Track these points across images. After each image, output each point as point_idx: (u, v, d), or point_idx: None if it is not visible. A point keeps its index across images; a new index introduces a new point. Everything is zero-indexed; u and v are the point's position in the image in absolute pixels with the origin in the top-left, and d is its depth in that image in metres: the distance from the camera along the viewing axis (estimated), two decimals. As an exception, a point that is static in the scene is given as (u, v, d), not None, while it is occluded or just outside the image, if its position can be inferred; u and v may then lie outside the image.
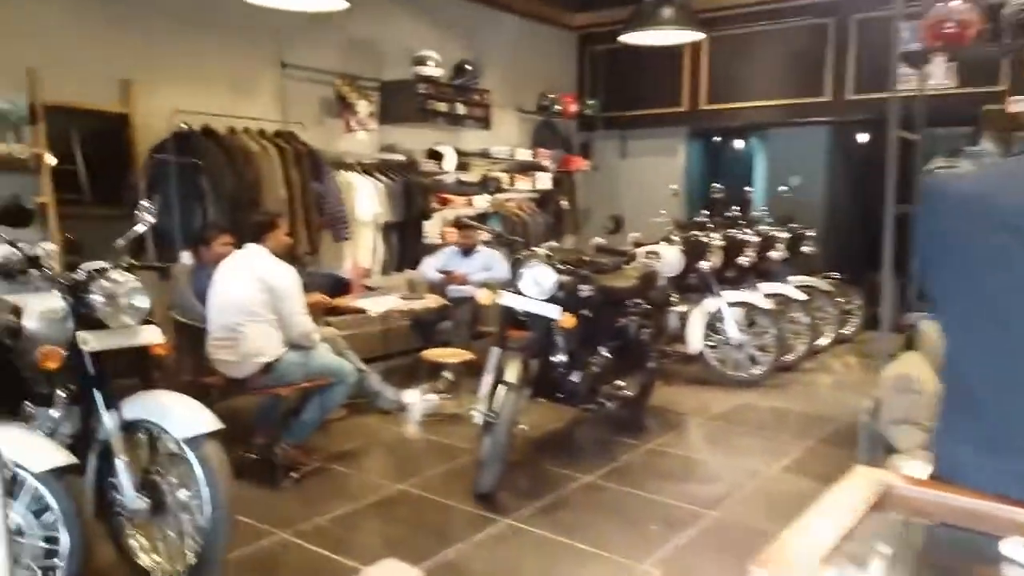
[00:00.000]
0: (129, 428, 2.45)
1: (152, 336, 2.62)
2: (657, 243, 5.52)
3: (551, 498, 3.42)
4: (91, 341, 2.44)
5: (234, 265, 3.60)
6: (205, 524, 2.39)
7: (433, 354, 4.55)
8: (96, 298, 2.45)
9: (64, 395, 2.59)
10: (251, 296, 3.45)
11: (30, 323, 2.63)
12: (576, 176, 8.32)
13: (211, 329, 3.53)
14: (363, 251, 5.82)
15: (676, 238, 5.48)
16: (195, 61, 5.11)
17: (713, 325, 5.48)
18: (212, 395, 3.57)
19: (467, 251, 5.73)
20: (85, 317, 2.48)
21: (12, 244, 3.49)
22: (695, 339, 5.38)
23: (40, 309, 2.64)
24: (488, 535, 3.07)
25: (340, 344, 4.39)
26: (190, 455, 2.39)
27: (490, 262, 5.67)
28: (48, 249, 4.25)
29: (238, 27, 5.27)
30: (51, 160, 4.49)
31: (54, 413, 2.56)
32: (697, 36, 6.14)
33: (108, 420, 2.41)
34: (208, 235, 4.12)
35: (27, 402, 2.70)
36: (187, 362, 3.97)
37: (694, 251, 5.45)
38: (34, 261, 2.53)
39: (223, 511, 2.39)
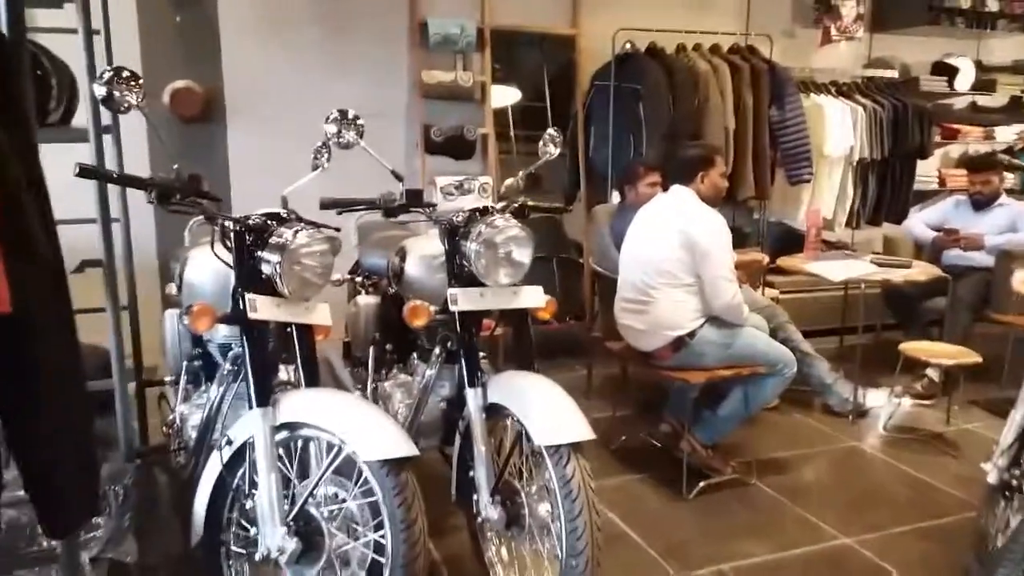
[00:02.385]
0: (492, 412, 1.97)
1: (531, 298, 2.08)
2: None
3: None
4: (460, 299, 1.99)
5: (653, 212, 2.90)
6: (560, 555, 1.81)
7: (916, 349, 3.23)
8: (471, 247, 1.98)
9: (440, 353, 2.24)
10: (667, 252, 2.72)
11: (410, 267, 2.33)
12: None
13: (620, 287, 2.93)
14: (827, 196, 4.61)
15: None
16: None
17: None
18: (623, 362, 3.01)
19: (981, 202, 4.10)
20: (459, 268, 2.04)
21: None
22: None
23: (421, 253, 2.31)
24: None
25: (780, 316, 3.43)
26: (549, 466, 1.81)
27: (1018, 220, 3.96)
28: (484, 183, 4.21)
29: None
30: (514, 95, 4.35)
31: (430, 372, 2.24)
32: None
33: (471, 398, 1.96)
34: (633, 172, 3.49)
35: (416, 355, 2.48)
36: (601, 319, 3.47)
37: None
38: (415, 198, 2.16)
39: (582, 542, 1.76)
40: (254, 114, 3.84)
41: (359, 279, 2.81)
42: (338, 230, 2.12)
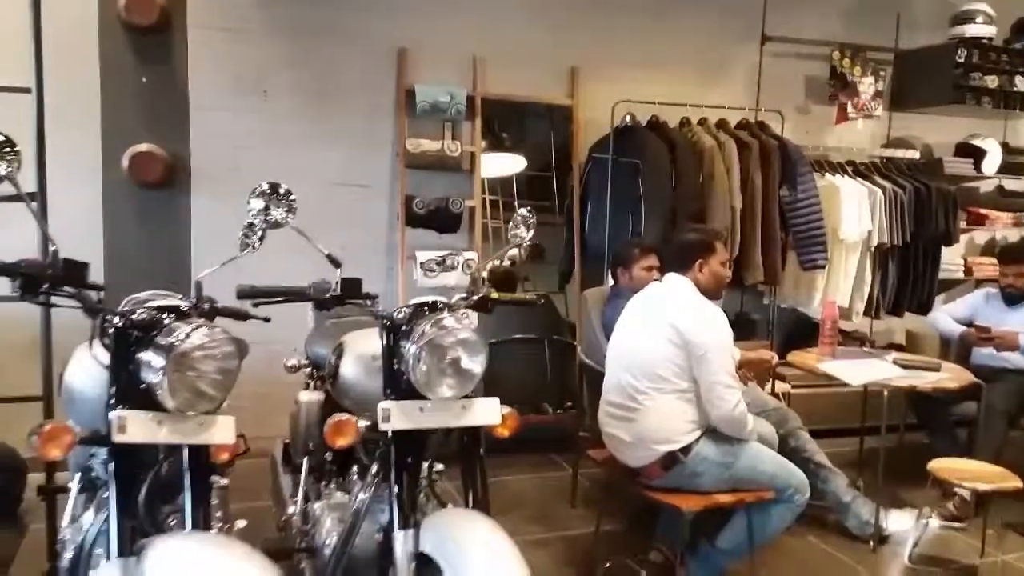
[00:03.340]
0: (425, 561, 1.59)
1: (484, 414, 1.73)
2: None
3: None
4: (394, 415, 1.64)
5: (645, 302, 2.56)
6: None
7: (947, 470, 2.80)
8: (410, 350, 1.64)
9: (379, 472, 1.87)
10: (657, 351, 2.36)
11: (346, 368, 1.98)
12: None
13: (605, 388, 2.56)
14: (843, 283, 4.26)
15: None
16: (650, 40, 4.24)
17: None
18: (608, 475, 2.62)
19: (1014, 296, 3.72)
20: (396, 376, 1.70)
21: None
22: None
23: (358, 352, 1.97)
24: None
25: (792, 422, 3.04)
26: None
27: (1056, 318, 3.58)
28: (469, 260, 3.90)
29: (707, -6, 4.25)
30: (516, 164, 4.11)
31: (363, 496, 1.86)
32: None
33: (399, 544, 1.59)
34: (628, 253, 3.17)
35: (356, 468, 2.11)
36: (589, 417, 3.09)
37: None
38: (353, 288, 1.83)
39: None
40: (222, 183, 3.57)
41: (309, 370, 2.47)
42: (267, 320, 1.80)
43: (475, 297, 1.91)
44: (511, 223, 2.05)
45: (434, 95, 3.66)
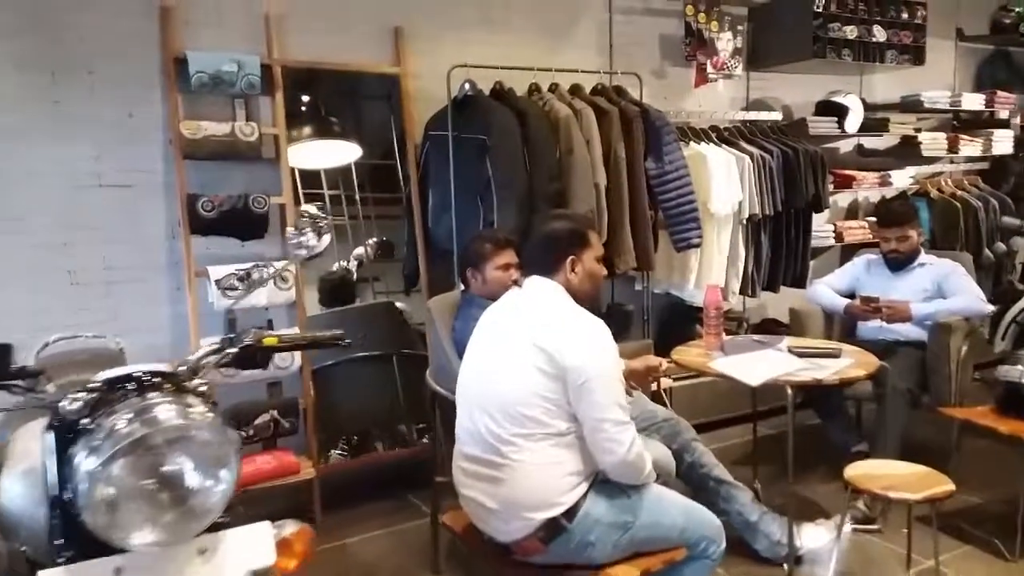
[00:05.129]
0: None
1: (242, 559, 1.03)
2: None
3: None
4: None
5: (501, 318, 1.93)
6: None
7: (866, 478, 2.38)
8: (82, 467, 0.91)
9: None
10: (523, 385, 1.74)
11: (5, 490, 1.20)
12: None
13: (457, 434, 1.92)
14: (717, 261, 3.86)
15: None
16: (486, -4, 3.62)
17: None
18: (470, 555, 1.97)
19: (899, 262, 3.43)
20: (68, 512, 0.96)
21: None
22: None
23: (23, 466, 1.19)
24: None
25: (685, 433, 2.56)
26: None
27: (944, 281, 3.32)
28: (283, 270, 3.11)
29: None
30: (351, 153, 3.39)
31: None
32: None
33: None
34: (478, 250, 2.54)
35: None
36: (444, 459, 2.44)
37: None
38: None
39: None
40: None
41: None
42: None
43: (232, 350, 1.19)
44: (293, 227, 1.35)
45: (215, 64, 2.83)
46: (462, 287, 2.71)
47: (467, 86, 3.24)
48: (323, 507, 3.00)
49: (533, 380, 1.74)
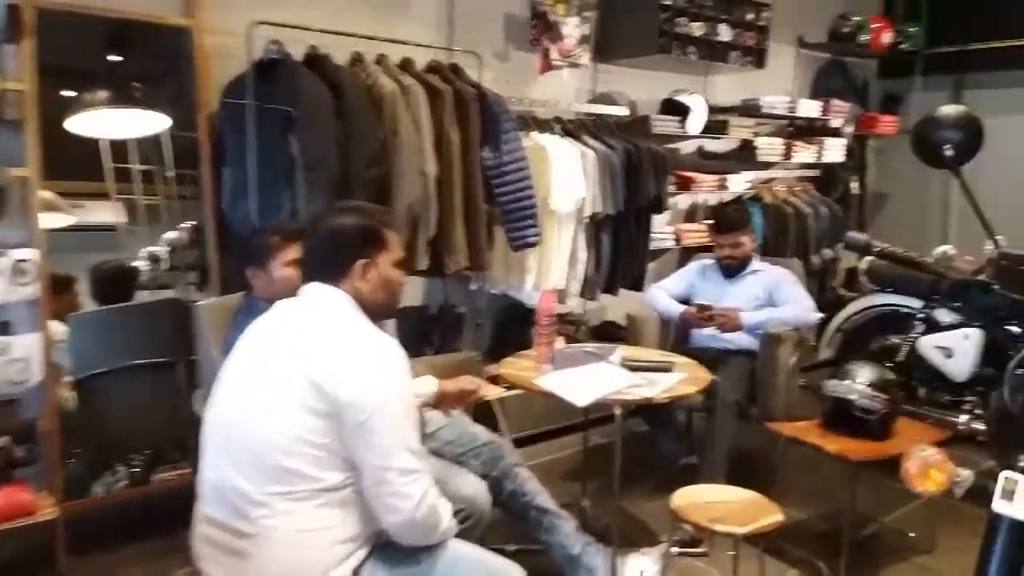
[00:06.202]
0: None
1: None
2: None
3: None
4: None
5: (263, 336, 1.53)
6: None
7: (693, 507, 2.19)
8: None
9: None
10: (283, 429, 1.36)
11: None
12: (870, 145, 5.60)
13: (201, 489, 1.50)
14: (556, 261, 3.62)
15: None
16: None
17: None
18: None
19: (732, 269, 3.35)
20: None
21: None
22: None
23: None
24: None
25: (507, 459, 2.31)
26: None
27: (775, 290, 3.26)
28: (24, 261, 2.52)
29: None
30: (156, 123, 2.79)
31: None
32: None
33: None
34: (263, 244, 2.10)
35: None
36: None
37: None
38: None
39: None
40: None
41: None
42: None
43: None
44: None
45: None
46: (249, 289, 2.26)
47: (273, 47, 2.77)
48: (73, 552, 2.45)
49: (299, 422, 1.36)
